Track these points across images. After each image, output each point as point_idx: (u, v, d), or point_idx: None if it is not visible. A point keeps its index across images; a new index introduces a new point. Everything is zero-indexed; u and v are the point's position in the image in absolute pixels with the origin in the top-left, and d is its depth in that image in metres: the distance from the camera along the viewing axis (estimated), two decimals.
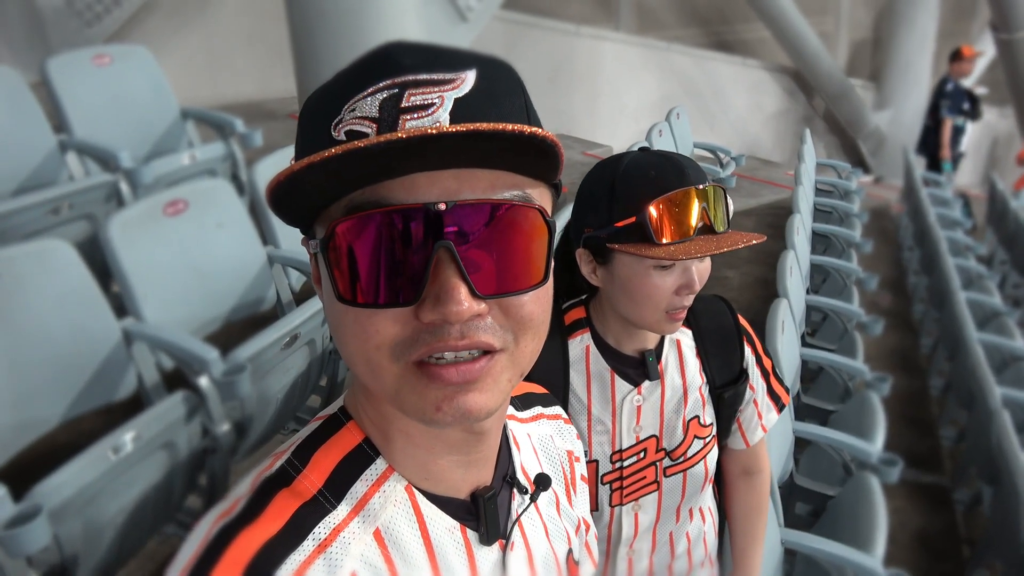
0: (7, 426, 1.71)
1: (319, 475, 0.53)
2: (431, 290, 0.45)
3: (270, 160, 2.61)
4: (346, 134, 0.46)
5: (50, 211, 2.40)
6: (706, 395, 1.15)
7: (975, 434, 2.77)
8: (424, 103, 0.45)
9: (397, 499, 0.54)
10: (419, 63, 0.46)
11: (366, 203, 0.45)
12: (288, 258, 2.43)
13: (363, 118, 0.45)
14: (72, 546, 1.48)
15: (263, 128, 3.40)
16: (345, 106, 0.46)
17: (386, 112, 0.45)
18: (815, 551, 1.71)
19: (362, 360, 0.48)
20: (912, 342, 4.09)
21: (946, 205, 5.17)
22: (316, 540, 0.49)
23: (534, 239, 0.48)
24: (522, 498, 0.63)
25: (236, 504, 0.50)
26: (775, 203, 5.39)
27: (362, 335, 0.47)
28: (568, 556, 0.70)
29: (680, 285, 0.99)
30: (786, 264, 2.66)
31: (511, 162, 0.46)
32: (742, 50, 9.99)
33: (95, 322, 1.89)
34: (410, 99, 0.45)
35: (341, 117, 0.46)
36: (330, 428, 0.56)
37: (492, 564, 0.59)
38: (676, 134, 4.49)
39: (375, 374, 0.48)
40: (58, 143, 2.80)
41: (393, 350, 0.47)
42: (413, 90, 0.45)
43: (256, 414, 1.96)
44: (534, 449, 0.71)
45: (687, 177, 0.98)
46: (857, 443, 2.10)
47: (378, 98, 0.45)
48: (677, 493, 1.16)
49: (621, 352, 1.10)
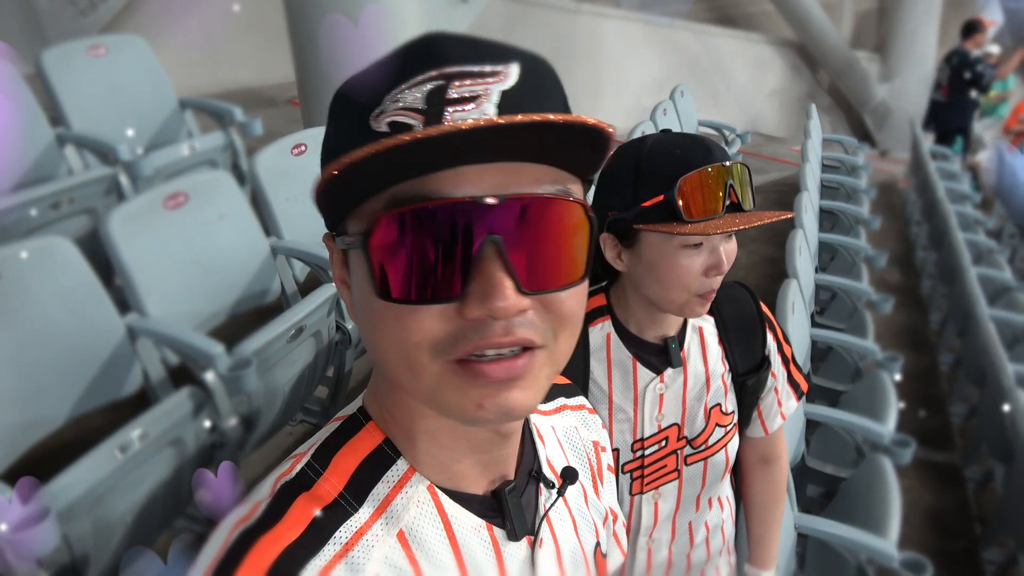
0: (14, 425, 1.70)
1: (340, 478, 0.52)
2: (477, 286, 0.44)
3: (271, 149, 2.58)
4: (389, 125, 0.44)
5: (50, 206, 2.38)
6: (728, 382, 1.14)
7: (987, 411, 2.75)
8: (471, 95, 0.44)
9: (420, 500, 0.53)
10: (464, 55, 0.45)
11: (413, 196, 0.44)
12: (292, 249, 2.41)
13: (408, 109, 0.44)
14: (82, 546, 1.48)
15: (264, 115, 3.37)
16: (387, 96, 0.45)
17: (432, 104, 0.44)
18: (830, 536, 1.70)
19: (400, 359, 0.47)
20: (921, 318, 4.06)
21: (954, 179, 5.11)
22: (338, 544, 0.49)
23: (577, 235, 0.47)
24: (549, 493, 0.62)
25: (256, 509, 0.49)
26: (781, 180, 5.35)
27: (403, 333, 0.46)
28: (596, 549, 0.69)
29: (709, 266, 0.98)
30: (795, 243, 2.63)
31: (556, 156, 0.46)
32: (746, 24, 9.86)
33: (98, 319, 1.88)
34: (456, 91, 0.44)
35: (383, 108, 0.45)
36: (350, 429, 0.55)
37: (521, 561, 0.58)
38: (680, 112, 4.43)
39: (414, 372, 0.47)
40: (55, 137, 2.78)
41: (433, 348, 0.46)
42: (459, 82, 0.44)
43: (263, 407, 1.95)
44: (559, 442, 0.69)
45: (713, 154, 0.97)
46: (869, 424, 2.08)
47: (424, 89, 0.44)
48: (697, 482, 1.15)
49: (643, 339, 1.09)
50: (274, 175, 2.49)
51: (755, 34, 9.75)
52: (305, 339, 2.05)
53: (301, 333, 2.00)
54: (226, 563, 0.46)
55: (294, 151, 2.53)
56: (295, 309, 1.98)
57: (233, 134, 3.09)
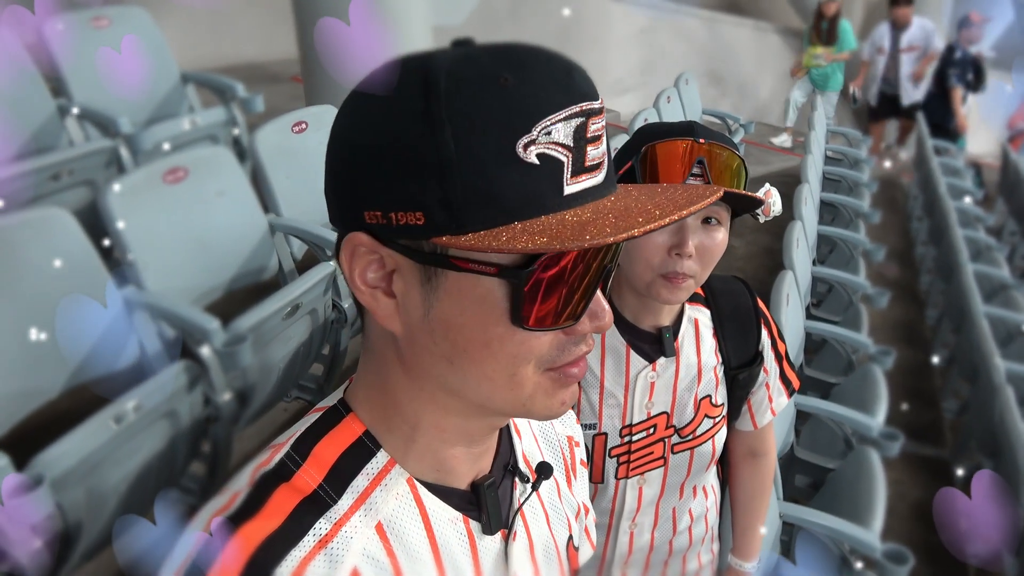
0: (10, 394, 1.71)
1: (319, 469, 0.52)
2: (590, 308, 0.50)
3: (271, 126, 2.58)
4: (538, 157, 0.44)
5: (50, 177, 2.38)
6: (720, 375, 1.15)
7: (977, 407, 2.76)
8: (597, 134, 0.47)
9: (399, 492, 0.54)
10: (588, 89, 0.47)
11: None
12: (290, 227, 2.42)
13: (558, 144, 0.45)
14: (75, 514, 1.50)
15: (266, 92, 3.36)
16: (537, 125, 0.44)
17: (578, 141, 0.45)
18: (814, 525, 1.72)
19: (506, 373, 0.49)
20: (917, 313, 4.07)
21: (957, 175, 5.10)
22: (317, 535, 0.49)
23: None
24: (524, 487, 0.63)
25: (234, 499, 0.49)
26: (784, 170, 5.33)
27: (523, 353, 0.49)
28: (568, 543, 0.70)
29: (672, 244, 0.96)
30: (793, 236, 2.63)
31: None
32: (755, 12, 9.77)
33: (95, 292, 1.89)
34: (590, 129, 0.46)
35: (534, 137, 0.44)
36: (330, 421, 0.55)
37: (494, 554, 0.59)
38: (684, 100, 4.42)
39: (515, 384, 0.50)
40: (57, 107, 2.77)
41: (539, 361, 0.50)
42: (592, 119, 0.46)
43: (258, 383, 1.96)
44: (534, 435, 0.70)
45: (695, 131, 0.97)
46: (858, 417, 2.10)
47: (572, 124, 0.45)
48: (683, 470, 1.17)
49: (638, 327, 1.09)
50: (274, 152, 2.49)
51: (764, 23, 9.67)
52: (301, 317, 2.06)
53: (297, 311, 2.01)
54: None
55: (295, 128, 2.53)
56: (292, 287, 1.99)
57: (235, 110, 3.08)
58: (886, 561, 1.64)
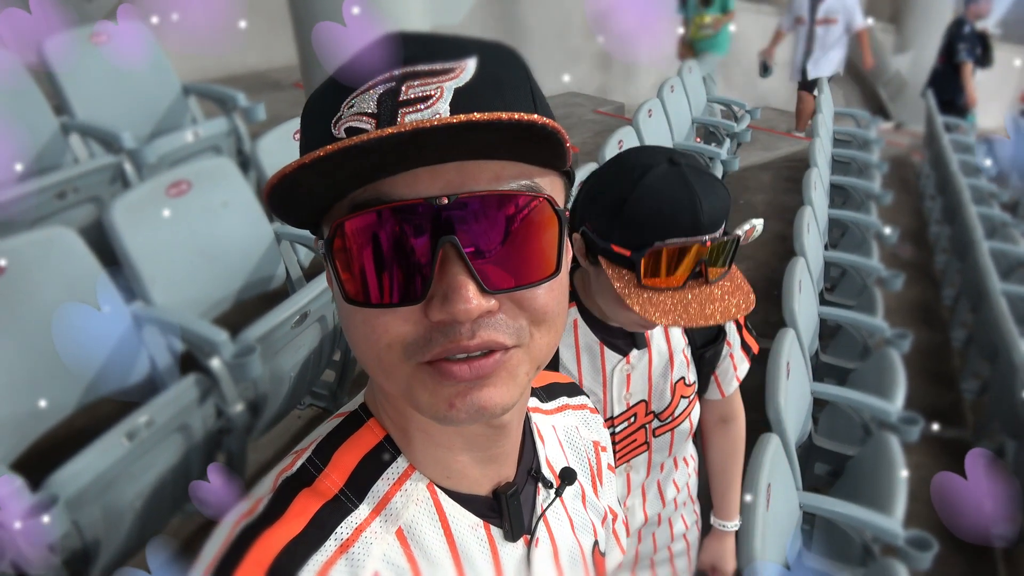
0: (24, 414, 1.72)
1: (340, 474, 0.52)
2: (438, 288, 0.44)
3: (274, 134, 2.58)
4: (346, 131, 0.44)
5: (56, 195, 2.39)
6: (689, 356, 1.19)
7: (998, 387, 2.72)
8: (423, 95, 0.44)
9: (419, 498, 0.54)
10: (417, 54, 0.45)
11: (368, 201, 0.44)
12: (296, 235, 2.42)
13: (362, 114, 0.44)
14: (93, 531, 1.50)
15: (268, 99, 3.36)
16: (344, 103, 0.45)
17: (384, 107, 0.44)
18: (834, 514, 1.70)
19: (374, 360, 0.47)
20: (934, 294, 4.01)
21: (969, 151, 5.02)
22: (338, 540, 0.49)
23: (544, 230, 0.46)
24: (547, 492, 0.63)
25: (258, 504, 0.50)
26: (792, 155, 5.29)
27: (372, 335, 0.46)
28: (594, 548, 0.69)
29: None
30: (803, 221, 2.60)
31: (515, 151, 0.44)
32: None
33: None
34: (408, 92, 0.44)
35: (340, 114, 0.45)
36: (350, 426, 0.55)
37: (517, 560, 0.58)
38: (688, 89, 4.38)
39: (387, 373, 0.47)
40: (60, 125, 2.78)
41: (405, 350, 0.46)
42: (411, 82, 0.44)
43: (270, 392, 1.96)
44: (559, 441, 0.70)
45: (700, 226, 0.93)
46: (876, 402, 2.07)
47: (376, 92, 0.44)
48: (665, 450, 1.23)
49: (608, 324, 1.12)
50: (277, 160, 2.49)
51: (766, 6, 9.57)
52: (310, 324, 2.06)
53: (306, 318, 2.01)
54: (228, 559, 0.46)
55: (295, 136, 2.53)
56: (299, 295, 1.98)
57: (237, 119, 3.08)
58: (909, 548, 1.61)
